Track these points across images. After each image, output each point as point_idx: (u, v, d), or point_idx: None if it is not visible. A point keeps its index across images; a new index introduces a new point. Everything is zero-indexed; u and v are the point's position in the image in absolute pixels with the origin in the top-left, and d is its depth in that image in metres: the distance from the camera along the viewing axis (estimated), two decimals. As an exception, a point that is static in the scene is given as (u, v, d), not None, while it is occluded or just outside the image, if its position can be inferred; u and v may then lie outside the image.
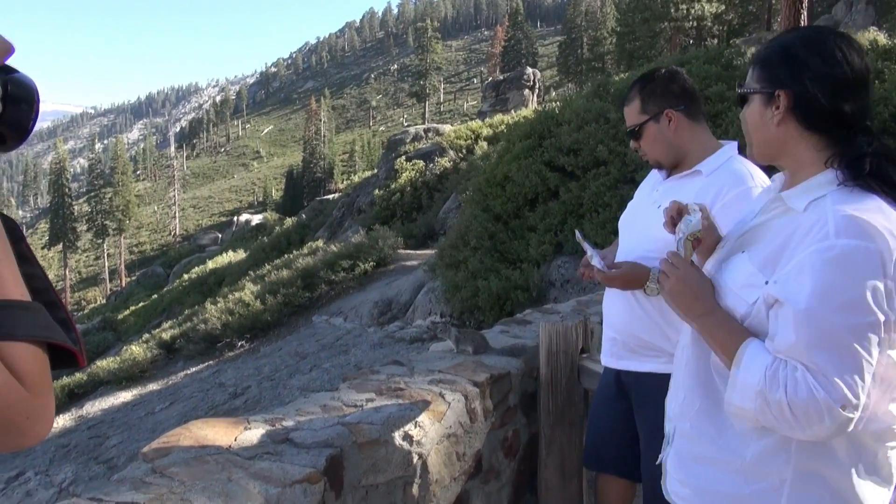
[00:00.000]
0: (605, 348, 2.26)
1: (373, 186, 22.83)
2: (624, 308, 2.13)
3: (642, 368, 2.11)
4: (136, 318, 25.01)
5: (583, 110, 8.99)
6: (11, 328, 0.66)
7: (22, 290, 0.69)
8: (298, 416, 2.20)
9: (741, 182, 1.90)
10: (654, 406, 2.09)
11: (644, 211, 2.17)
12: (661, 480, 2.14)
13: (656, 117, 2.04)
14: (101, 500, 1.57)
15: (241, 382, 9.40)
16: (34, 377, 0.66)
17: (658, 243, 2.01)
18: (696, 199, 1.91)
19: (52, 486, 7.46)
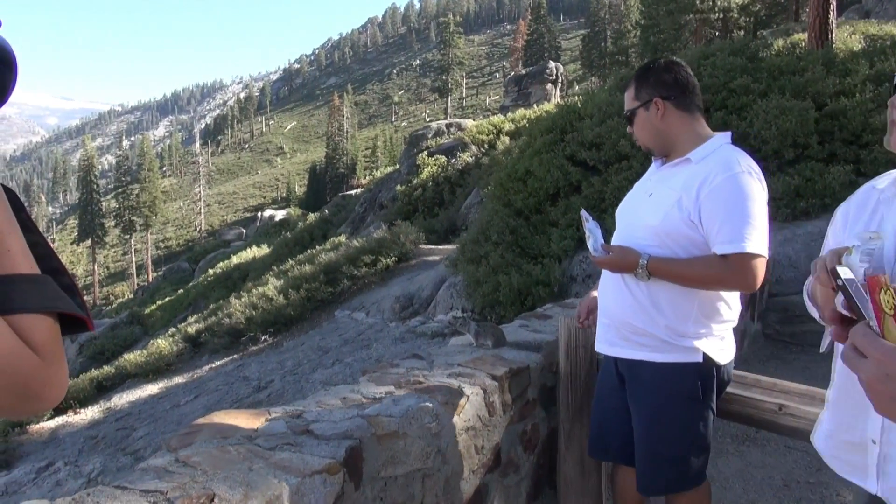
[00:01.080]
0: (599, 335, 2.29)
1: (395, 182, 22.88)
2: (616, 294, 2.16)
3: (634, 356, 2.13)
4: (162, 313, 25.37)
5: (605, 104, 8.92)
6: (23, 301, 0.68)
7: (31, 263, 0.72)
8: (318, 408, 2.23)
9: (729, 168, 1.93)
10: (645, 394, 2.11)
11: (637, 200, 2.22)
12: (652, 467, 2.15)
13: (646, 105, 2.12)
14: (127, 488, 1.61)
15: (265, 376, 9.50)
16: (48, 346, 0.69)
17: (646, 230, 2.06)
18: (685, 187, 1.96)
19: (80, 476, 7.62)
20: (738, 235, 1.87)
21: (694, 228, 1.96)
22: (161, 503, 1.52)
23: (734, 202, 1.89)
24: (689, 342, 2.02)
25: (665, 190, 2.05)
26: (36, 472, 8.38)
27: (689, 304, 2.01)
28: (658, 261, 1.99)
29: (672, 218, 1.98)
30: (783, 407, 2.17)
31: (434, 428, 2.26)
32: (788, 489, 3.14)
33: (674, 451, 2.10)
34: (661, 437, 2.11)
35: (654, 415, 2.10)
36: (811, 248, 5.85)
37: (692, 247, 1.98)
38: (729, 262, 1.89)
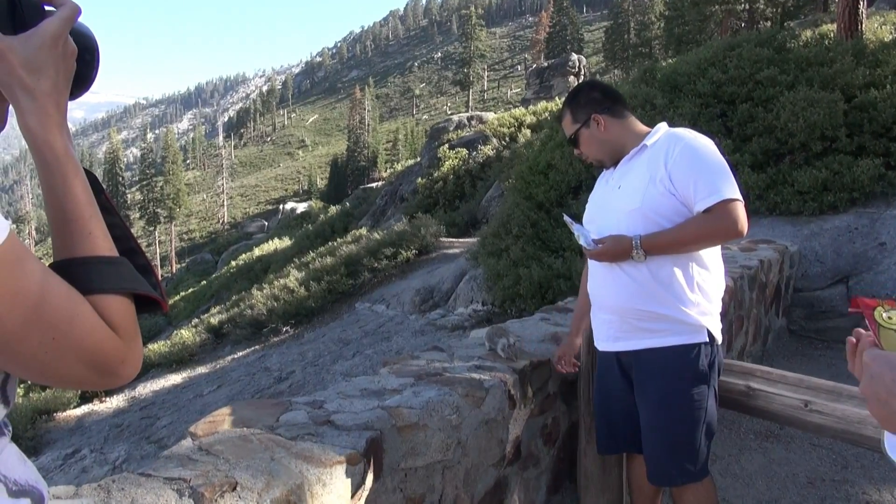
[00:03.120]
0: (601, 332, 2.31)
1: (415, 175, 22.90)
2: (616, 284, 2.18)
3: (641, 346, 2.15)
4: (185, 304, 25.69)
5: (628, 96, 8.83)
6: (103, 282, 0.72)
7: (110, 245, 0.75)
8: (340, 399, 2.24)
9: (682, 136, 2.09)
10: (655, 381, 2.12)
11: (606, 196, 2.30)
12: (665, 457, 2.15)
13: (586, 123, 2.27)
14: (151, 475, 1.63)
15: (286, 367, 9.58)
16: (125, 326, 0.72)
17: (629, 216, 2.13)
18: (651, 165, 2.09)
19: (106, 463, 7.76)
20: (713, 188, 1.98)
21: (672, 198, 2.06)
22: (185, 490, 1.54)
23: (698, 161, 2.02)
24: (694, 319, 2.07)
25: (633, 177, 2.16)
26: (63, 458, 8.54)
27: (689, 275, 2.09)
28: (650, 237, 2.06)
29: (651, 194, 2.08)
30: (809, 403, 2.14)
31: (454, 420, 2.26)
32: (813, 487, 3.10)
33: (685, 436, 2.12)
34: (671, 422, 2.12)
35: (665, 400, 2.12)
36: (838, 242, 5.75)
37: (677, 215, 2.06)
38: (714, 213, 1.98)
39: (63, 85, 0.76)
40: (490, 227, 9.93)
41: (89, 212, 0.74)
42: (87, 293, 0.69)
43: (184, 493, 1.53)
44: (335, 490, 1.75)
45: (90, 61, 0.81)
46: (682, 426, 2.11)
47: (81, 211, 0.73)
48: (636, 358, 2.18)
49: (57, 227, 0.73)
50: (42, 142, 0.73)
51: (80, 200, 0.74)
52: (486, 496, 2.50)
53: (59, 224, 0.73)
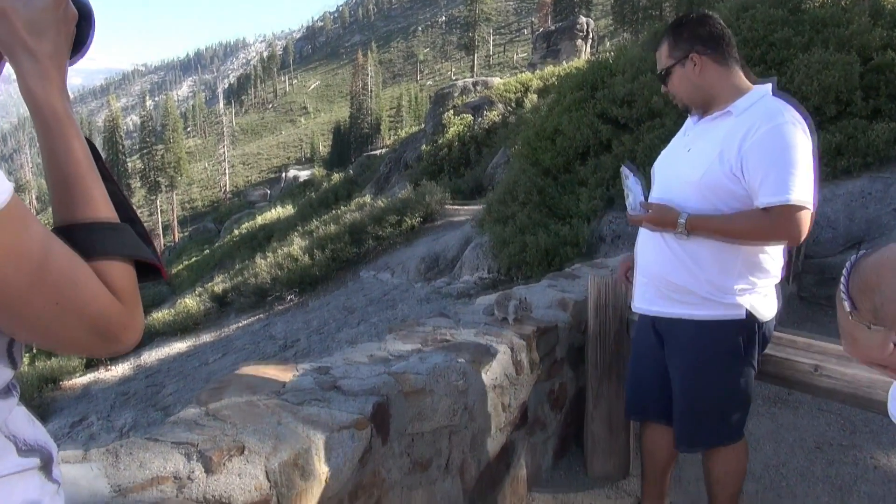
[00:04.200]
0: (638, 293, 2.27)
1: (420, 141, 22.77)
2: (654, 252, 2.14)
3: (673, 314, 2.12)
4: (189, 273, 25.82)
5: (638, 60, 8.72)
6: (105, 247, 0.72)
7: (111, 211, 0.75)
8: (346, 365, 2.25)
9: (773, 118, 1.88)
10: (685, 351, 2.10)
11: (675, 155, 2.18)
12: (691, 423, 2.15)
13: (682, 61, 2.07)
14: (158, 440, 1.64)
15: (291, 335, 9.65)
16: (128, 291, 0.72)
17: (686, 186, 2.02)
18: (726, 139, 1.93)
19: (113, 430, 7.88)
20: (782, 187, 1.83)
21: (736, 182, 1.92)
22: (193, 454, 1.56)
23: (778, 153, 1.84)
24: (731, 298, 2.00)
25: (705, 144, 2.02)
26: (70, 426, 8.68)
27: (732, 258, 1.99)
28: (698, 218, 1.96)
29: (714, 172, 1.95)
30: (819, 368, 2.14)
31: (461, 385, 2.28)
32: (820, 451, 3.12)
33: (714, 406, 2.11)
34: (701, 393, 2.11)
35: (695, 371, 2.10)
36: (851, 208, 5.71)
37: (734, 201, 1.94)
38: (772, 214, 1.85)
39: (64, 48, 0.76)
40: (496, 194, 9.90)
41: (91, 176, 0.74)
42: (90, 258, 0.69)
43: (192, 456, 1.55)
44: (343, 454, 1.77)
45: (86, 27, 0.81)
46: (708, 397, 2.10)
47: (83, 175, 0.73)
48: (668, 325, 2.16)
49: (58, 192, 0.73)
50: (44, 104, 0.73)
51: (82, 164, 0.73)
52: (494, 460, 2.53)
53: (60, 189, 0.73)
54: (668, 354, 2.19)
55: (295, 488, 1.61)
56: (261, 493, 1.51)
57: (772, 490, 2.80)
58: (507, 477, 2.63)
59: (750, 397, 2.13)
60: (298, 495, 1.62)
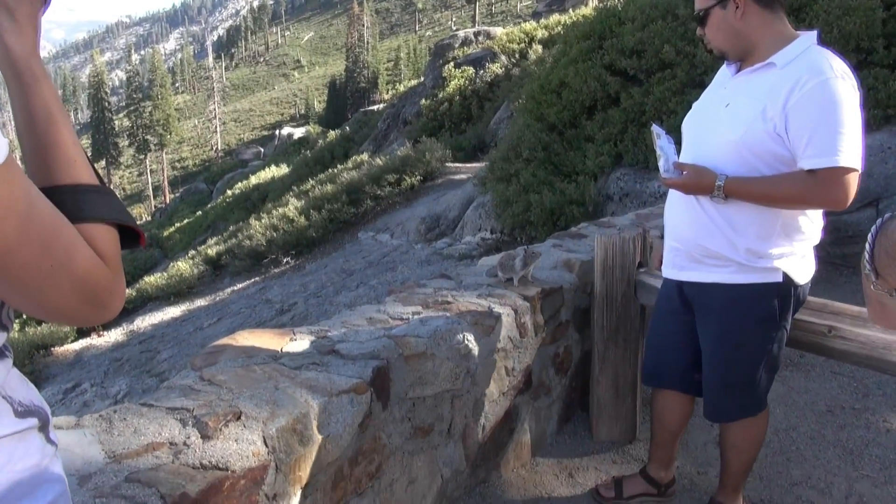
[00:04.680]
0: (667, 259, 2.23)
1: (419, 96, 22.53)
2: (688, 216, 2.07)
3: (707, 279, 2.07)
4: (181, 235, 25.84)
5: (649, 6, 8.55)
6: (93, 211, 0.72)
7: (91, 174, 0.75)
8: (344, 329, 2.27)
9: (819, 72, 1.78)
10: (718, 317, 2.08)
11: (711, 111, 2.08)
12: (722, 393, 2.16)
13: (723, 3, 1.96)
14: (153, 405, 1.67)
15: (288, 299, 9.70)
16: (113, 256, 0.73)
17: (724, 146, 1.95)
18: (769, 95, 1.82)
19: (107, 397, 7.98)
20: (829, 148, 1.75)
21: (780, 142, 1.84)
22: (188, 420, 1.58)
23: (825, 111, 1.75)
24: (768, 262, 1.96)
25: (745, 99, 1.92)
26: (63, 393, 8.79)
27: (771, 223, 1.94)
28: (736, 181, 1.90)
29: (755, 131, 1.86)
30: (833, 329, 2.15)
31: (463, 349, 2.29)
32: (832, 414, 3.16)
33: (746, 374, 2.09)
34: (733, 360, 2.09)
35: (728, 338, 2.08)
36: (869, 163, 5.65)
37: (777, 162, 1.87)
38: (818, 177, 1.79)
39: (38, 4, 0.76)
40: (499, 151, 9.84)
41: (72, 138, 0.74)
42: (76, 221, 0.70)
43: (187, 422, 1.57)
44: (342, 420, 1.79)
45: None
46: (741, 364, 2.09)
47: (64, 137, 0.73)
48: (700, 291, 2.12)
49: (38, 156, 0.73)
50: (23, 63, 0.73)
51: (62, 126, 0.73)
52: (497, 425, 2.56)
53: (40, 152, 0.72)
54: (700, 321, 2.16)
55: (294, 454, 1.63)
56: (258, 460, 1.53)
57: (781, 454, 2.84)
58: (510, 442, 2.67)
59: (780, 363, 2.13)
60: (297, 461, 1.65)
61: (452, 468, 2.37)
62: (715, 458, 2.69)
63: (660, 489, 2.52)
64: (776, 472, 2.72)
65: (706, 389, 2.20)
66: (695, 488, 2.62)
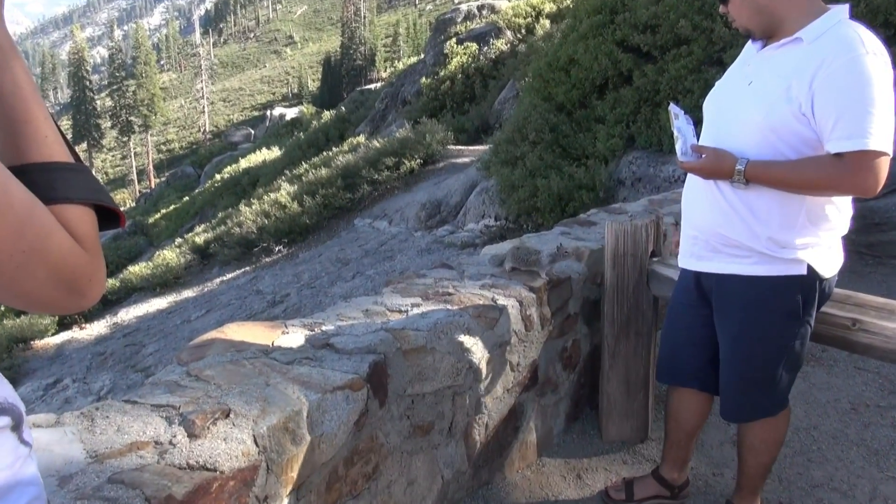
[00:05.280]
0: (685, 248, 2.22)
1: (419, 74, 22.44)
2: (707, 203, 2.06)
3: (726, 270, 2.06)
4: (167, 222, 25.86)
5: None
6: (67, 191, 0.71)
7: (65, 151, 0.75)
8: (339, 321, 2.27)
9: (850, 48, 1.74)
10: (738, 311, 2.07)
11: (733, 89, 2.06)
12: (740, 391, 2.16)
13: None
14: (137, 402, 1.67)
15: (280, 290, 9.71)
16: (90, 239, 0.72)
17: (746, 127, 1.93)
18: (795, 72, 1.80)
19: (90, 393, 8.01)
20: (858, 130, 1.72)
21: (805, 123, 1.82)
22: (174, 418, 1.58)
23: (855, 90, 1.72)
24: (792, 253, 1.94)
25: (770, 77, 1.89)
26: (43, 389, 8.82)
27: (795, 210, 1.92)
28: (758, 165, 1.88)
29: (779, 111, 1.84)
30: (857, 322, 2.14)
31: (465, 343, 2.29)
32: (856, 413, 3.16)
33: (766, 372, 2.09)
34: (752, 357, 2.09)
35: (747, 333, 2.07)
36: (898, 146, 5.64)
37: (803, 145, 1.85)
38: (846, 161, 1.76)
39: None
40: (504, 133, 9.81)
41: (43, 113, 0.73)
42: (50, 202, 0.69)
43: (173, 420, 1.58)
44: (337, 418, 1.79)
45: None
46: (760, 361, 2.08)
47: (35, 112, 0.72)
48: (718, 282, 2.10)
49: (6, 133, 0.72)
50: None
51: (32, 100, 0.73)
52: (501, 424, 2.57)
53: (8, 129, 0.72)
54: (718, 315, 2.15)
55: (285, 454, 1.63)
56: (248, 459, 1.53)
57: (802, 454, 2.85)
58: (515, 442, 2.68)
59: (802, 360, 2.12)
60: (289, 461, 1.65)
61: (454, 469, 2.38)
62: (732, 458, 2.70)
63: (673, 491, 2.53)
64: (796, 473, 2.73)
65: (723, 388, 2.20)
66: (710, 490, 2.63)
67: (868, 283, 4.56)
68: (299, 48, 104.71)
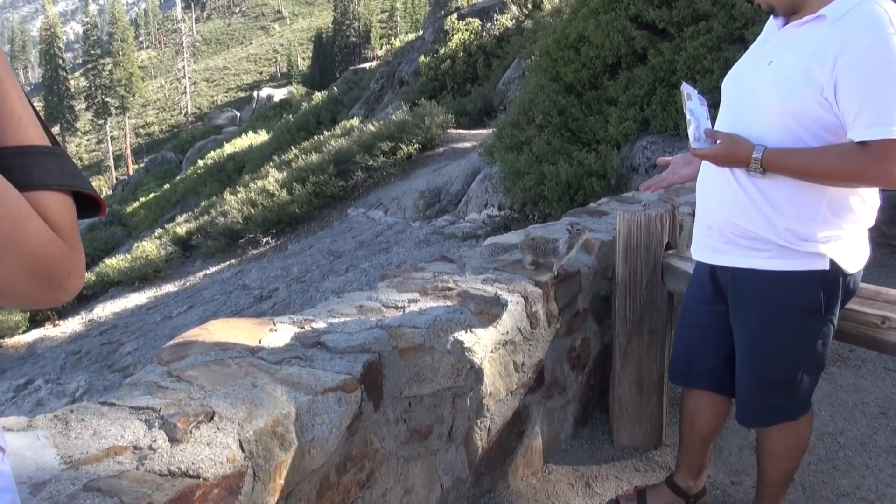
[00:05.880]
0: (698, 240, 2.21)
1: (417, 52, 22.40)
2: (722, 192, 2.05)
3: (742, 264, 2.05)
4: (146, 211, 25.87)
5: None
6: (44, 177, 0.71)
7: (41, 134, 0.74)
8: (331, 318, 2.27)
9: (877, 28, 1.72)
10: (755, 308, 2.07)
11: (752, 70, 2.05)
12: (756, 394, 2.16)
13: None
14: (115, 404, 1.67)
15: (268, 284, 9.72)
16: (68, 228, 0.72)
17: (764, 111, 1.92)
18: (817, 53, 1.79)
19: (64, 395, 8.03)
20: (884, 116, 1.70)
21: (827, 108, 1.80)
22: (154, 421, 1.59)
23: (881, 73, 1.71)
24: (813, 246, 1.93)
25: (790, 57, 1.88)
26: (14, 390, 8.83)
27: (816, 201, 1.91)
28: (776, 153, 1.86)
29: (800, 95, 1.82)
30: (887, 320, 2.15)
31: (466, 341, 2.30)
32: (885, 417, 3.17)
33: (784, 374, 2.09)
34: (770, 357, 2.09)
35: (765, 332, 2.07)
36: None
37: (824, 131, 1.84)
38: (870, 150, 1.74)
39: None
40: (508, 116, 9.80)
41: (17, 93, 0.72)
42: (25, 189, 0.68)
43: (153, 423, 1.58)
44: (328, 421, 1.80)
45: None
46: (781, 365, 2.08)
47: (8, 92, 0.72)
48: (734, 277, 2.10)
49: None
50: None
51: (5, 79, 0.72)
52: (504, 428, 2.57)
53: None
54: (734, 311, 2.16)
55: (274, 460, 1.64)
56: (234, 466, 1.54)
57: (827, 461, 2.86)
58: (519, 447, 2.68)
59: (825, 362, 2.12)
60: (278, 468, 1.66)
61: (453, 476, 2.39)
62: (751, 465, 2.71)
63: (688, 500, 2.53)
64: (820, 482, 2.73)
65: (740, 390, 2.20)
66: (728, 500, 2.64)
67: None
68: (288, 24, 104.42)
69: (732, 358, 2.23)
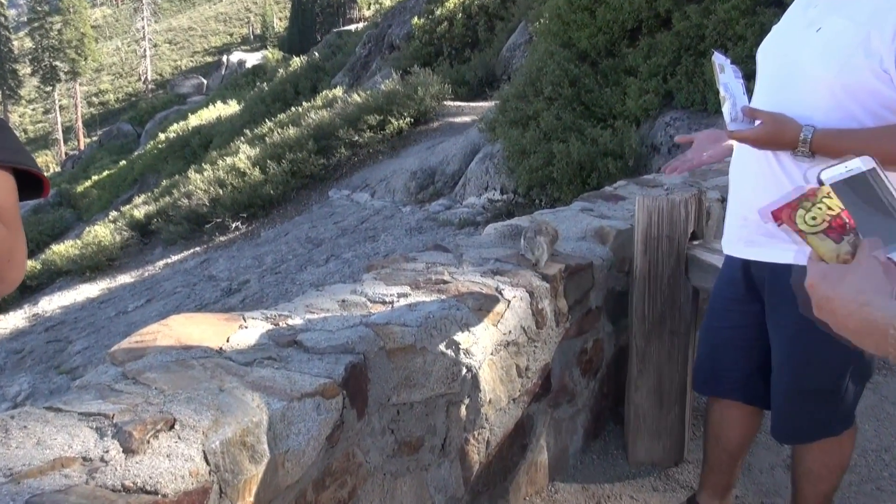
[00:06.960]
0: (731, 232, 2.20)
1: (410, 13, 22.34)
2: (761, 178, 2.02)
3: (782, 259, 2.01)
4: (99, 192, 25.81)
5: None
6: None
7: None
8: (309, 314, 2.27)
9: None
10: (796, 308, 2.07)
11: (795, 37, 2.01)
12: (795, 406, 2.16)
13: None
14: (62, 410, 1.66)
15: (237, 275, 9.72)
16: (9, 211, 0.71)
17: (813, 85, 1.89)
18: (875, 17, 1.76)
19: (4, 399, 8.02)
20: None
21: (888, 82, 1.76)
22: (106, 429, 1.58)
23: None
24: None
25: (843, 23, 1.83)
26: (-53, 393, 8.82)
27: None
28: (827, 135, 1.82)
29: (855, 66, 1.78)
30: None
31: (462, 342, 2.29)
32: (936, 432, 3.18)
33: (827, 383, 2.09)
34: (811, 364, 2.08)
35: (806, 335, 2.02)
36: None
37: (884, 109, 1.80)
38: None
39: None
40: (513, 87, 9.79)
41: None
42: None
43: (105, 432, 1.57)
44: (306, 430, 1.79)
45: None
46: (821, 369, 2.08)
47: None
48: (772, 273, 2.07)
49: None
50: None
51: None
52: (505, 441, 2.57)
53: None
54: (770, 312, 2.15)
55: (243, 474, 1.64)
56: (197, 480, 1.53)
57: (870, 482, 2.87)
58: (522, 462, 2.69)
59: (872, 370, 2.12)
60: (247, 483, 1.65)
61: (447, 495, 2.39)
62: (784, 485, 2.71)
63: (713, 524, 2.54)
64: None
65: (776, 401, 2.20)
66: (758, 523, 2.65)
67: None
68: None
69: (766, 365, 2.22)
